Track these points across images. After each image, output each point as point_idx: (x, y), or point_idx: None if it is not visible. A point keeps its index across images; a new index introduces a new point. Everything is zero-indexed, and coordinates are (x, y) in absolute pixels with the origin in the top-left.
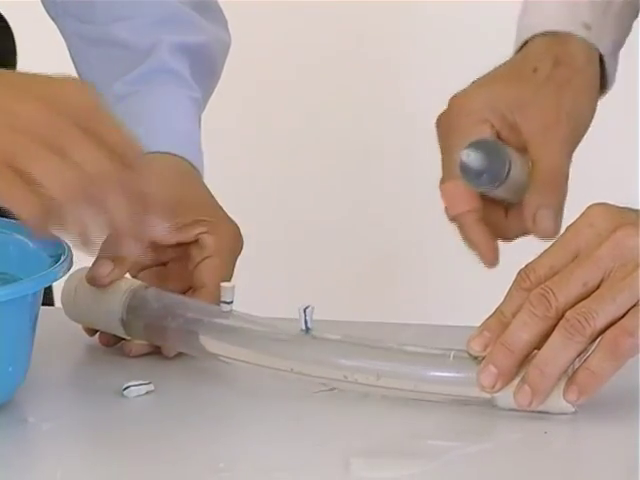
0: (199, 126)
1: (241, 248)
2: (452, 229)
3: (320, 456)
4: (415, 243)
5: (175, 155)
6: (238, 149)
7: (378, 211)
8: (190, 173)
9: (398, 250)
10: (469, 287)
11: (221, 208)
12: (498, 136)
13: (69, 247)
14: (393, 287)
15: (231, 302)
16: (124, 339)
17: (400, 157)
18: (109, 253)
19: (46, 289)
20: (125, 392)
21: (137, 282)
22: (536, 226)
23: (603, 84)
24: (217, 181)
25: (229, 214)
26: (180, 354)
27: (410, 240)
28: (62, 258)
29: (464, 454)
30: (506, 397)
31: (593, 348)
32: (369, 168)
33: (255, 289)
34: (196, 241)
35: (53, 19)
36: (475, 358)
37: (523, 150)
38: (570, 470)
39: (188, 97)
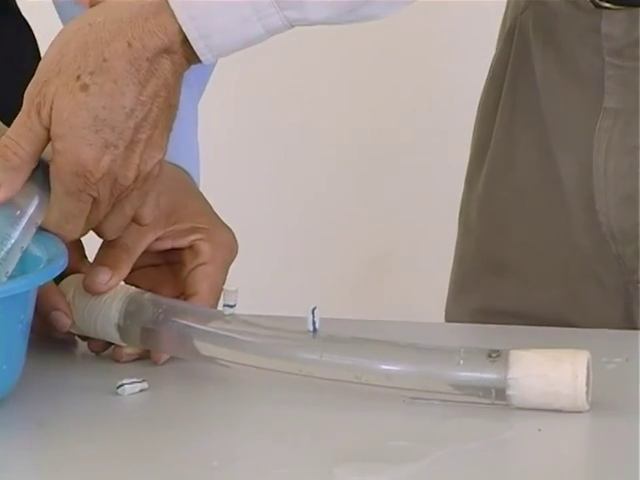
0: (195, 122)
1: (235, 255)
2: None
3: (312, 455)
4: (412, 241)
5: (172, 163)
6: (234, 147)
7: (376, 209)
8: (186, 182)
9: (396, 249)
10: None
11: (217, 216)
12: None
13: (65, 247)
14: (391, 286)
15: (234, 305)
16: (114, 344)
17: (400, 156)
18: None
19: None
20: (119, 390)
21: (133, 288)
22: None
23: None
24: (216, 179)
25: (227, 211)
26: None
27: (408, 239)
28: (57, 258)
29: (457, 452)
30: (520, 396)
31: None
32: (368, 167)
33: (253, 288)
34: (190, 247)
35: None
36: (489, 356)
37: None
38: (564, 467)
39: (185, 94)
